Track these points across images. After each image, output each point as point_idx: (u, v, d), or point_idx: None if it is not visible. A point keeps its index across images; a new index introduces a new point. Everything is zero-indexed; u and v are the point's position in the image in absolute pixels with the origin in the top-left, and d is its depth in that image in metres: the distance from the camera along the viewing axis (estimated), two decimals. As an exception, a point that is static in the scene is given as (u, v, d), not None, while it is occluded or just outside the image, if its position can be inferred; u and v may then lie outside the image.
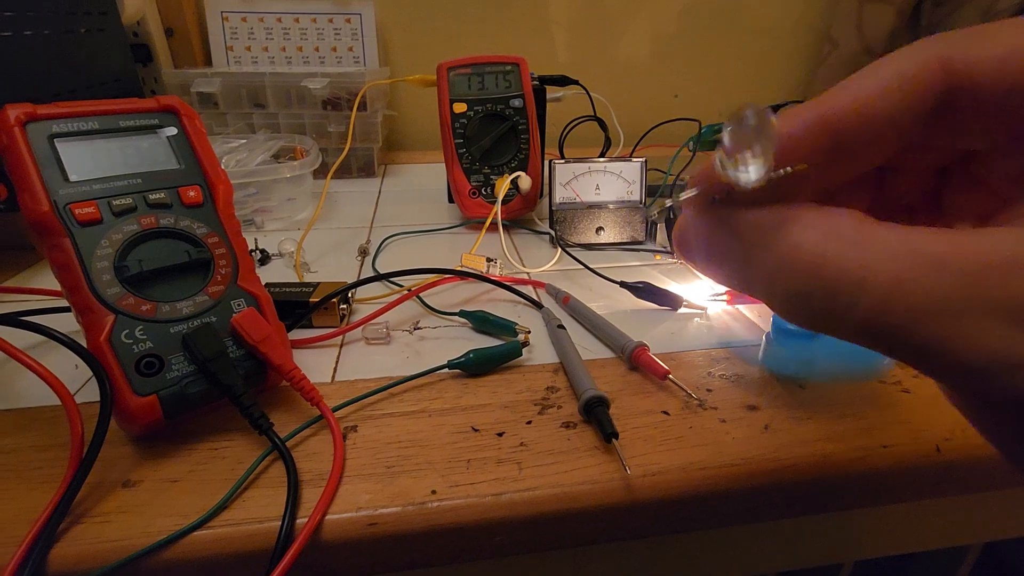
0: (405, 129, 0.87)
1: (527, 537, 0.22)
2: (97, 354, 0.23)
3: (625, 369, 0.30)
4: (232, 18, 0.75)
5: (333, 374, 0.30)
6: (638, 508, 0.23)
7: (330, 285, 0.35)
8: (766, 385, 0.29)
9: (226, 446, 0.24)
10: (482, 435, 0.25)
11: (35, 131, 0.25)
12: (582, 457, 0.24)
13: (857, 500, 0.25)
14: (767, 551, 0.29)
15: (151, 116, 0.28)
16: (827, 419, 0.26)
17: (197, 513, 0.21)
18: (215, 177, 0.28)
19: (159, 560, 0.20)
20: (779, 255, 0.12)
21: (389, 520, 0.21)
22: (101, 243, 0.25)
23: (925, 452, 0.25)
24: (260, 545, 0.21)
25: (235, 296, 0.27)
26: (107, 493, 0.22)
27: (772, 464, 0.24)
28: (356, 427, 0.26)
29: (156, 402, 0.23)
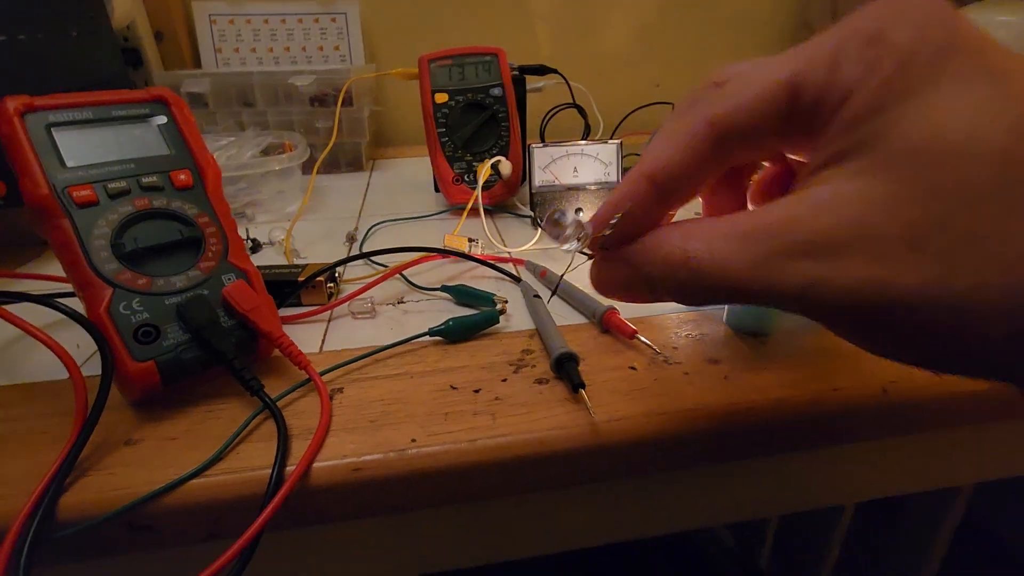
0: (393, 125, 0.89)
1: (501, 480, 0.24)
2: (98, 324, 0.25)
3: (597, 332, 0.32)
4: (220, 21, 0.77)
5: (321, 345, 0.32)
6: (604, 451, 0.24)
7: (317, 266, 0.36)
8: (730, 342, 0.31)
9: (221, 408, 0.26)
10: (460, 392, 0.27)
11: (33, 121, 0.27)
12: (552, 407, 0.26)
13: (809, 441, 0.27)
14: (736, 495, 0.31)
15: (142, 106, 0.30)
16: (783, 369, 0.28)
17: (194, 464, 0.23)
18: (204, 162, 0.30)
19: (161, 505, 0.22)
20: (660, 266, 0.18)
21: (372, 466, 0.23)
22: (98, 223, 0.26)
23: (873, 393, 0.26)
24: (253, 491, 0.22)
25: (226, 271, 0.28)
26: (111, 450, 0.24)
27: (729, 408, 0.26)
28: (342, 389, 0.28)
29: (153, 367, 0.25)
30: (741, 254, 0.16)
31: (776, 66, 0.16)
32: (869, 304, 0.14)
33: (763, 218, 0.16)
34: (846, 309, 0.15)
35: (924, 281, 0.14)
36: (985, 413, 0.28)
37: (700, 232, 0.17)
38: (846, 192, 0.15)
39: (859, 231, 0.14)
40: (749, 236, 0.16)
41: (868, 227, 0.14)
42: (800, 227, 0.15)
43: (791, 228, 0.15)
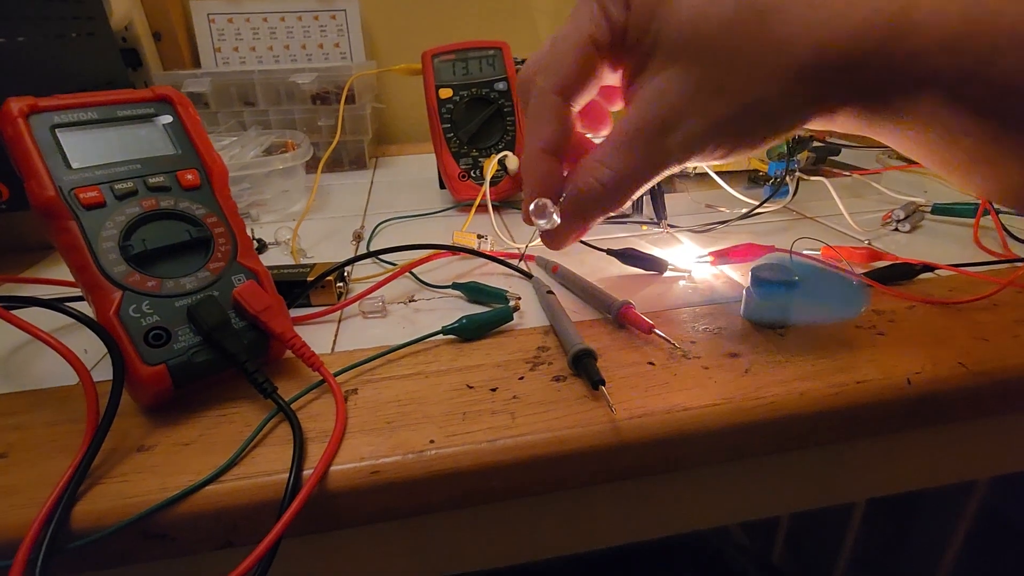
0: (394, 122, 0.88)
1: (521, 480, 0.24)
2: (108, 327, 0.24)
3: (612, 327, 0.31)
4: (219, 20, 0.76)
5: (333, 345, 0.31)
6: (626, 448, 0.24)
7: (326, 265, 0.36)
8: (748, 335, 0.30)
9: (234, 412, 0.26)
10: (477, 391, 0.27)
11: (37, 122, 0.26)
12: (572, 405, 0.25)
13: (834, 434, 0.26)
14: (756, 495, 0.31)
15: (147, 105, 0.29)
16: (804, 361, 0.28)
17: (209, 470, 0.22)
18: (211, 161, 0.30)
19: (176, 512, 0.21)
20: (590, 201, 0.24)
21: (390, 468, 0.23)
22: (106, 225, 0.26)
23: (897, 385, 0.26)
24: (270, 496, 0.22)
25: (236, 272, 0.28)
26: (123, 457, 0.23)
27: (752, 402, 0.25)
28: (356, 390, 0.27)
29: (165, 371, 0.24)
30: (631, 157, 0.23)
31: (568, 33, 0.23)
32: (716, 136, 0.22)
33: (627, 126, 0.23)
34: (705, 149, 0.22)
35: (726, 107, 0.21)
36: (1011, 403, 0.28)
37: (595, 162, 0.23)
38: (658, 86, 0.22)
39: (684, 101, 0.21)
40: (627, 143, 0.23)
41: (686, 97, 0.21)
42: (653, 120, 0.22)
43: (648, 123, 0.22)
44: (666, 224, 0.45)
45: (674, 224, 0.46)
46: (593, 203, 0.24)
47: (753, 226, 0.46)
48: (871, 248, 0.38)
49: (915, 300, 0.33)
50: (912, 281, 0.35)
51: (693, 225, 0.45)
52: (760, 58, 0.20)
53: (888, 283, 0.34)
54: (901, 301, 0.33)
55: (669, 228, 0.45)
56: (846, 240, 0.42)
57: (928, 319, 0.31)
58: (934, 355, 0.28)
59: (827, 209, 0.48)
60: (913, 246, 0.41)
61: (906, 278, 0.35)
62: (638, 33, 0.22)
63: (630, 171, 0.23)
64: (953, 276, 0.35)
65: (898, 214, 0.43)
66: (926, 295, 0.33)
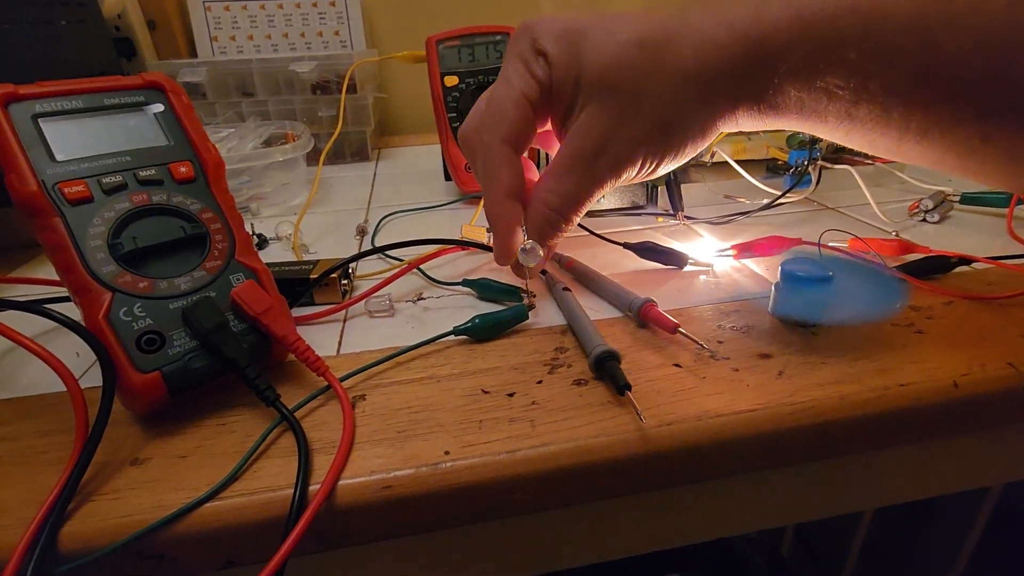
0: (396, 112, 0.86)
1: (544, 493, 0.22)
2: (96, 332, 0.22)
3: (633, 327, 0.30)
4: (215, 7, 0.74)
5: (338, 347, 0.30)
6: (656, 458, 0.22)
7: (329, 262, 0.34)
8: (778, 334, 0.28)
9: (234, 420, 0.24)
10: (492, 396, 0.25)
11: (18, 111, 0.24)
12: (596, 412, 0.24)
13: (877, 440, 0.25)
14: (786, 501, 0.29)
15: (136, 93, 0.28)
16: (842, 362, 0.26)
17: (208, 485, 0.21)
18: (205, 152, 0.28)
19: (173, 533, 0.20)
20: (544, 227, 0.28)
21: (404, 483, 0.21)
22: (93, 222, 0.24)
23: (943, 388, 0.24)
24: (274, 513, 0.20)
25: (234, 271, 0.26)
26: (116, 471, 0.22)
27: (789, 408, 0.23)
28: (364, 396, 0.25)
29: (159, 378, 0.23)
30: (570, 182, 0.27)
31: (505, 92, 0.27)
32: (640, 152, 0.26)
33: (564, 158, 0.27)
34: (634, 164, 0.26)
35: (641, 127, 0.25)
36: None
37: (542, 191, 0.28)
38: (584, 121, 0.26)
39: (607, 129, 0.25)
40: (566, 171, 0.27)
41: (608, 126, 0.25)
42: (584, 149, 0.26)
43: (581, 151, 0.26)
44: (683, 216, 0.43)
45: (691, 216, 0.44)
46: (549, 226, 0.28)
47: (773, 217, 0.44)
48: (902, 240, 0.36)
49: (953, 295, 0.31)
50: (948, 275, 0.33)
51: (711, 216, 0.43)
52: (661, 83, 0.24)
53: (922, 277, 0.32)
54: (938, 296, 0.31)
55: (686, 220, 0.43)
56: (872, 232, 0.40)
57: (969, 316, 0.29)
58: (980, 355, 0.26)
59: (850, 199, 0.46)
60: (943, 237, 0.39)
61: (941, 272, 0.33)
62: (560, 85, 0.26)
63: (572, 194, 0.27)
64: (991, 269, 0.34)
65: (926, 204, 0.41)
66: (964, 290, 0.31)
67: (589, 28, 0.25)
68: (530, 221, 0.28)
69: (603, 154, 0.26)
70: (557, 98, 0.26)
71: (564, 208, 0.27)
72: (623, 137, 0.25)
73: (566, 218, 0.28)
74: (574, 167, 0.26)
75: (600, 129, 0.25)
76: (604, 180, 0.26)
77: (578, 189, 0.27)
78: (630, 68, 0.24)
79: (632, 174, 0.26)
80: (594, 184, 0.26)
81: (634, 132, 0.25)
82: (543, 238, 0.28)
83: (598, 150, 0.26)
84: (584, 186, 0.27)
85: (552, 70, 0.26)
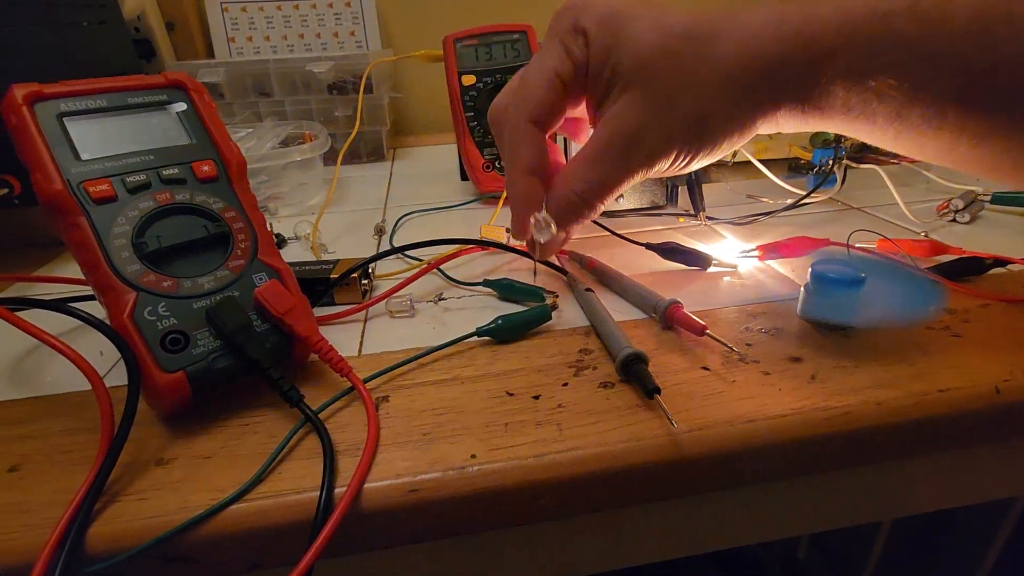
0: (412, 112, 0.86)
1: (572, 498, 0.22)
2: (121, 332, 0.22)
3: (659, 328, 0.29)
4: (232, 8, 0.74)
5: (359, 348, 0.29)
6: (686, 464, 0.22)
7: (349, 262, 0.34)
8: (808, 336, 0.28)
9: (257, 421, 0.24)
10: (518, 399, 0.24)
11: (43, 110, 0.24)
12: (624, 415, 0.23)
13: (914, 448, 0.24)
14: (813, 509, 0.28)
15: (159, 92, 0.28)
16: (876, 366, 0.25)
17: (233, 487, 0.20)
18: (228, 151, 0.28)
19: (198, 535, 0.20)
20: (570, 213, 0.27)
21: (430, 486, 0.21)
22: (118, 220, 0.24)
23: (984, 394, 0.23)
24: (299, 516, 0.20)
25: (256, 270, 0.26)
26: (141, 472, 0.22)
27: (823, 413, 0.23)
28: (388, 397, 0.25)
29: (184, 378, 0.23)
30: (601, 170, 0.26)
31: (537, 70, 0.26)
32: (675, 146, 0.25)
33: (596, 144, 0.26)
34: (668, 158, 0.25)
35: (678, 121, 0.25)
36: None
37: (569, 176, 0.27)
38: (620, 109, 0.25)
39: (643, 120, 0.25)
40: (596, 158, 0.26)
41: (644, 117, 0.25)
42: (618, 138, 0.25)
43: (614, 141, 0.25)
44: (704, 216, 0.43)
45: (712, 216, 0.43)
46: (572, 212, 0.27)
47: (796, 218, 0.43)
48: (933, 241, 0.35)
49: (989, 298, 0.30)
50: (982, 277, 0.32)
51: (733, 217, 0.43)
52: (703, 77, 0.24)
53: (956, 279, 0.32)
54: (974, 299, 0.30)
55: (707, 220, 0.43)
56: (901, 232, 0.40)
57: (1007, 319, 0.28)
58: (1021, 360, 0.25)
59: (875, 199, 0.45)
60: (974, 238, 0.38)
61: (975, 273, 0.32)
62: (597, 67, 0.25)
63: (600, 182, 0.26)
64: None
65: (956, 204, 0.40)
66: (1001, 292, 0.30)
67: (636, 14, 0.25)
68: (553, 203, 0.27)
69: (638, 144, 0.25)
70: (594, 80, 0.26)
71: (589, 195, 0.26)
72: (659, 129, 0.25)
73: (590, 205, 0.27)
74: (605, 155, 0.26)
75: (637, 118, 0.25)
76: (635, 171, 0.26)
77: (606, 178, 0.26)
78: (674, 58, 0.24)
79: (664, 167, 0.26)
80: (624, 174, 0.26)
81: (671, 125, 0.24)
82: (564, 223, 0.27)
83: (632, 140, 0.25)
84: (613, 175, 0.26)
85: (591, 50, 0.25)
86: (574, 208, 0.27)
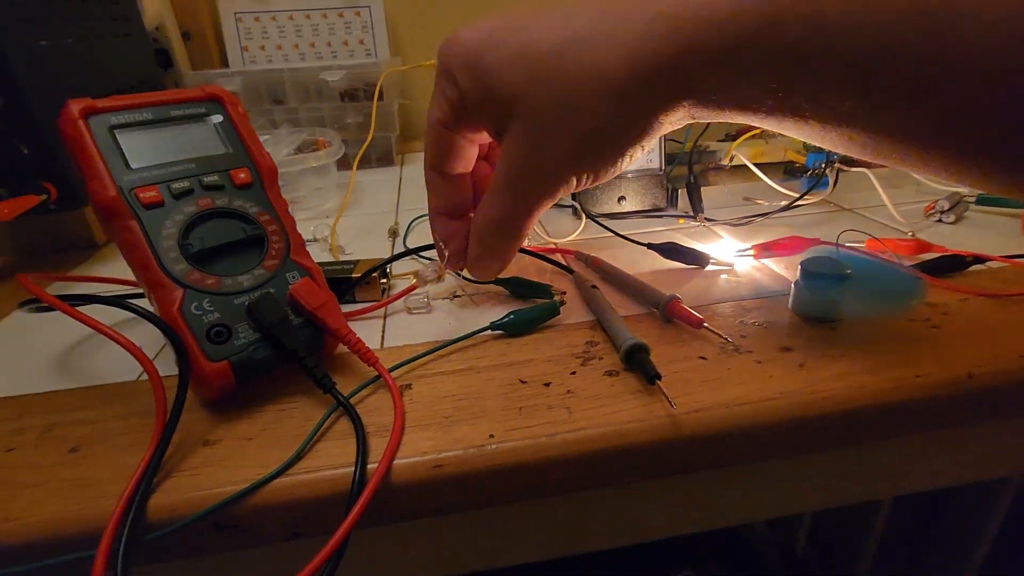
0: (419, 118, 0.88)
1: (581, 473, 0.24)
2: (172, 324, 0.25)
3: (660, 322, 0.31)
4: (245, 19, 0.77)
5: (381, 341, 0.32)
6: (685, 442, 0.24)
7: (369, 262, 0.36)
8: (798, 329, 0.30)
9: (293, 406, 0.26)
10: (530, 386, 0.27)
11: (96, 123, 0.27)
12: (628, 399, 0.25)
13: (894, 429, 0.26)
14: (807, 488, 0.31)
15: (199, 105, 0.30)
16: (860, 355, 0.27)
17: (276, 463, 0.23)
18: (260, 159, 0.30)
19: (245, 506, 0.22)
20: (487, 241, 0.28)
21: (453, 462, 0.23)
22: (165, 224, 0.26)
23: (957, 379, 0.26)
24: (337, 489, 0.22)
25: (290, 269, 0.28)
26: (190, 451, 0.24)
27: (810, 396, 0.25)
28: (410, 385, 0.27)
29: (228, 367, 0.25)
30: (503, 201, 0.26)
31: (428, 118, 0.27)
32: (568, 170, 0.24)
33: (496, 176, 0.26)
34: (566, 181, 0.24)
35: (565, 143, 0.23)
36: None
37: (482, 206, 0.27)
38: (506, 143, 0.25)
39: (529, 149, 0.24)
40: (499, 190, 0.26)
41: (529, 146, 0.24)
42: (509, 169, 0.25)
43: (508, 173, 0.25)
44: (703, 217, 0.45)
45: (711, 217, 0.45)
46: (491, 237, 0.27)
47: (791, 219, 0.46)
48: (918, 240, 0.37)
49: (968, 292, 0.32)
50: (963, 273, 0.34)
51: (731, 218, 0.45)
52: (584, 92, 0.22)
53: (938, 275, 0.34)
54: (953, 294, 0.32)
55: (706, 221, 0.45)
56: (889, 232, 0.42)
57: (983, 312, 0.30)
58: (993, 349, 0.27)
59: (866, 200, 0.48)
60: (958, 237, 0.40)
61: (957, 270, 0.34)
62: (475, 104, 0.24)
63: (507, 212, 0.26)
64: (1005, 268, 0.35)
65: (942, 205, 0.43)
66: (979, 287, 0.32)
67: (499, 42, 0.23)
68: (472, 230, 0.28)
69: (524, 178, 0.25)
70: (477, 120, 0.25)
71: (501, 224, 0.26)
72: (545, 160, 0.24)
73: (507, 234, 0.27)
74: (504, 188, 0.25)
75: (519, 153, 0.24)
76: (531, 203, 0.25)
77: (503, 212, 0.26)
78: (545, 83, 0.22)
79: (569, 189, 0.25)
80: (520, 206, 0.26)
81: (556, 153, 0.23)
82: (488, 247, 0.28)
83: (519, 173, 0.24)
84: (518, 206, 0.26)
85: (462, 93, 0.24)
86: (491, 233, 0.27)
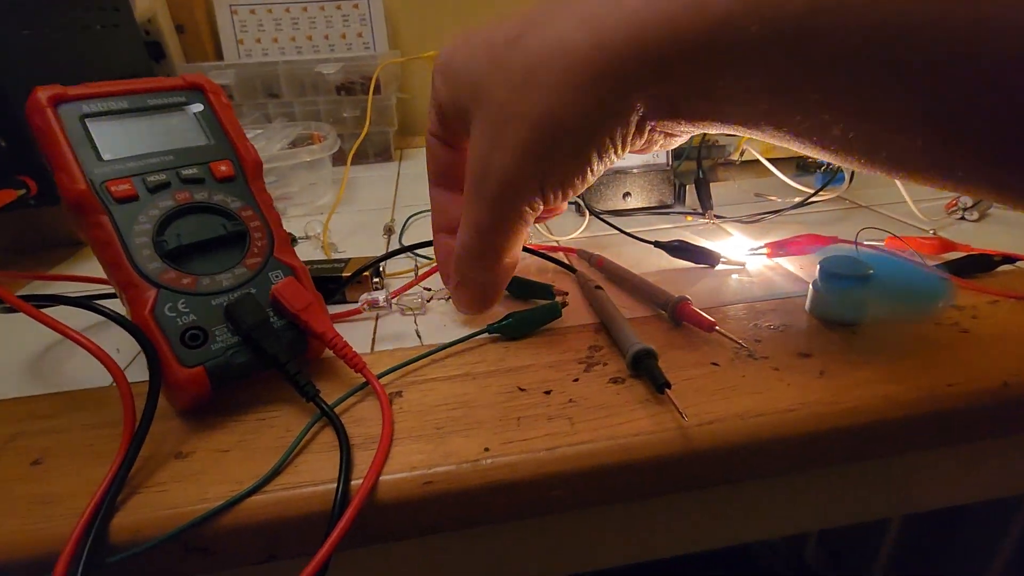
0: (418, 113, 0.86)
1: (584, 491, 0.22)
2: (143, 327, 0.23)
3: (668, 325, 0.30)
4: (241, 11, 0.75)
5: (372, 344, 0.30)
6: (696, 457, 0.22)
7: (360, 260, 0.34)
8: (816, 333, 0.28)
9: (273, 415, 0.24)
10: (529, 394, 0.25)
11: (66, 112, 0.25)
12: (635, 410, 0.23)
13: (923, 442, 0.24)
14: (822, 504, 0.29)
15: (178, 94, 0.28)
16: (884, 361, 0.25)
17: (251, 479, 0.21)
18: (244, 151, 0.28)
19: (217, 526, 0.20)
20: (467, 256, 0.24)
21: (444, 478, 0.21)
22: (139, 219, 0.24)
23: (992, 388, 0.24)
24: (317, 507, 0.20)
25: (273, 268, 0.26)
26: (161, 464, 0.22)
27: (832, 407, 0.23)
28: (401, 392, 0.26)
29: (203, 373, 0.23)
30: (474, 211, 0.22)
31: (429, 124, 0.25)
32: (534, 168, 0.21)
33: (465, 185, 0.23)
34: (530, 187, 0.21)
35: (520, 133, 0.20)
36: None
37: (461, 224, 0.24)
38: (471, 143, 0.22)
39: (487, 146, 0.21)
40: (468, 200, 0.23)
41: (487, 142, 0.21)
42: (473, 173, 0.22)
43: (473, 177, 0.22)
44: (712, 214, 0.43)
45: (720, 214, 0.43)
46: (464, 262, 0.24)
47: (804, 216, 0.44)
48: (941, 238, 0.35)
49: (998, 295, 0.30)
50: (991, 274, 0.32)
51: (741, 215, 0.43)
52: (537, 67, 0.19)
53: (965, 276, 0.32)
54: (982, 295, 0.30)
55: (715, 219, 0.43)
56: (909, 230, 0.40)
57: (1015, 315, 0.28)
58: (1030, 355, 0.25)
59: (883, 197, 0.46)
60: (983, 236, 0.38)
61: (984, 270, 0.32)
62: (448, 107, 0.23)
63: (475, 227, 0.23)
64: (1035, 268, 0.33)
65: (965, 201, 0.40)
66: (1010, 289, 0.30)
67: (466, 42, 0.22)
68: (454, 256, 0.24)
69: (486, 181, 0.21)
70: (457, 124, 0.23)
71: (478, 241, 0.23)
72: (504, 150, 0.20)
73: (485, 254, 0.23)
74: (466, 203, 0.23)
75: (479, 148, 0.21)
76: (496, 212, 0.22)
77: (472, 228, 0.23)
78: (497, 67, 0.20)
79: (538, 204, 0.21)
80: (485, 217, 0.22)
81: (514, 140, 0.20)
82: (459, 285, 0.25)
83: (482, 177, 0.21)
84: (475, 222, 0.22)
85: (440, 102, 0.23)
86: (469, 256, 0.23)
